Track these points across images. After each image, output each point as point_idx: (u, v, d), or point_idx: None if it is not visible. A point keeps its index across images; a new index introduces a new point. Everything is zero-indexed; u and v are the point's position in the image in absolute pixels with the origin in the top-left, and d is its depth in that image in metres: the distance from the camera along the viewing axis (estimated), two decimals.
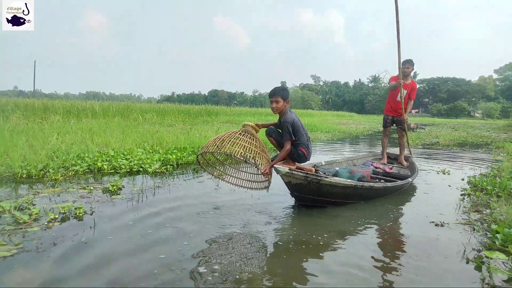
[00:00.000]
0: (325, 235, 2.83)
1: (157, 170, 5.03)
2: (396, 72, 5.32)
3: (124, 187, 4.04)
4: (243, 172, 4.02)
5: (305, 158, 3.79)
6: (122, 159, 5.28)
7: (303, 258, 2.38)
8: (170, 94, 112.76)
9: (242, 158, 3.22)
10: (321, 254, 2.49)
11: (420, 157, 7.98)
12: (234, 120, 17.24)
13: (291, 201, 3.76)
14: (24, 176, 4.29)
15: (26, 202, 3.19)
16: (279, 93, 3.63)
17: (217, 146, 3.33)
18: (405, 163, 5.80)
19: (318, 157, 7.25)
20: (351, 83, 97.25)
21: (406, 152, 5.96)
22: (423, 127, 23.68)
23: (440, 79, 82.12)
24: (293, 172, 3.27)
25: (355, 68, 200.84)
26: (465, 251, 2.55)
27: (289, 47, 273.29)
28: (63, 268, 2.09)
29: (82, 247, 2.38)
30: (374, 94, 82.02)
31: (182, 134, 8.72)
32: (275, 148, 4.36)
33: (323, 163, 5.03)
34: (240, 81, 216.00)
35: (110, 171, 4.88)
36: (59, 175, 4.37)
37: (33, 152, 5.01)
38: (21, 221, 2.74)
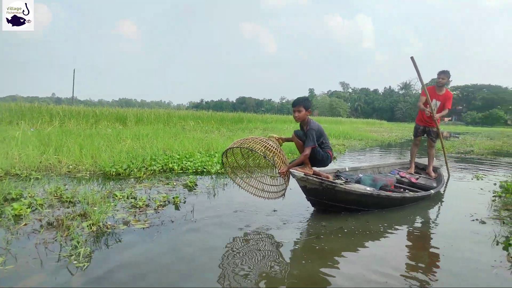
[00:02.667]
0: (372, 228, 3.48)
1: (218, 171, 5.81)
2: (426, 80, 5.36)
3: (197, 185, 4.83)
4: (262, 183, 4.17)
5: (330, 160, 4.00)
6: (187, 161, 6.11)
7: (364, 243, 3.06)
8: (199, 101, 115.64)
9: (262, 154, 3.46)
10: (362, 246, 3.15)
11: (455, 164, 8.38)
12: (271, 128, 17.89)
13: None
14: (114, 173, 5.16)
15: (131, 193, 4.01)
16: (302, 102, 3.83)
17: (241, 143, 3.59)
18: (432, 174, 5.82)
19: (348, 163, 7.79)
20: (380, 90, 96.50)
21: (435, 163, 6.06)
22: (456, 135, 23.59)
23: (474, 86, 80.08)
24: (308, 177, 3.47)
25: (385, 74, 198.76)
26: (495, 237, 3.12)
27: (317, 53, 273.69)
28: (187, 235, 2.92)
29: (192, 224, 3.18)
30: (405, 101, 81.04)
31: (227, 140, 9.53)
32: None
33: (347, 169, 5.09)
34: (267, 89, 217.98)
35: (179, 171, 5.70)
36: (142, 173, 5.23)
37: (114, 154, 5.93)
38: (137, 206, 3.56)
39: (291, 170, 3.52)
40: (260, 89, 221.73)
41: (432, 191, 4.56)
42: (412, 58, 5.09)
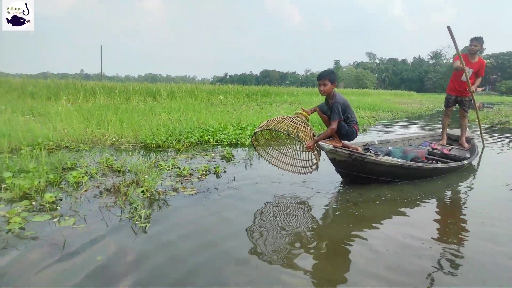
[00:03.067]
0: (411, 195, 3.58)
1: (252, 143, 5.98)
2: (459, 48, 5.15)
3: (234, 156, 5.03)
4: (294, 159, 4.25)
5: (356, 135, 3.97)
6: (221, 134, 6.34)
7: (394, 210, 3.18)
8: (222, 75, 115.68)
9: (285, 132, 3.45)
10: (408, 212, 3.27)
11: (489, 135, 8.21)
12: (298, 101, 17.83)
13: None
14: (154, 145, 5.45)
15: (174, 163, 4.26)
16: (327, 76, 3.75)
17: (266, 125, 3.64)
18: (466, 144, 5.69)
19: (378, 135, 7.79)
20: (409, 60, 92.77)
21: (468, 133, 5.92)
22: (490, 106, 22.66)
23: (510, 53, 75.42)
24: (337, 149, 3.48)
25: (414, 43, 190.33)
26: None
27: (342, 23, 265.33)
28: (232, 201, 3.18)
29: (235, 191, 3.43)
30: (436, 71, 77.75)
31: (257, 113, 9.67)
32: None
33: (376, 142, 5.09)
34: (291, 61, 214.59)
35: (215, 143, 5.94)
36: (181, 145, 5.50)
37: (152, 128, 6.23)
38: (182, 175, 3.81)
39: (320, 142, 3.55)
40: (284, 61, 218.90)
41: (465, 162, 4.52)
42: (448, 27, 4.96)
